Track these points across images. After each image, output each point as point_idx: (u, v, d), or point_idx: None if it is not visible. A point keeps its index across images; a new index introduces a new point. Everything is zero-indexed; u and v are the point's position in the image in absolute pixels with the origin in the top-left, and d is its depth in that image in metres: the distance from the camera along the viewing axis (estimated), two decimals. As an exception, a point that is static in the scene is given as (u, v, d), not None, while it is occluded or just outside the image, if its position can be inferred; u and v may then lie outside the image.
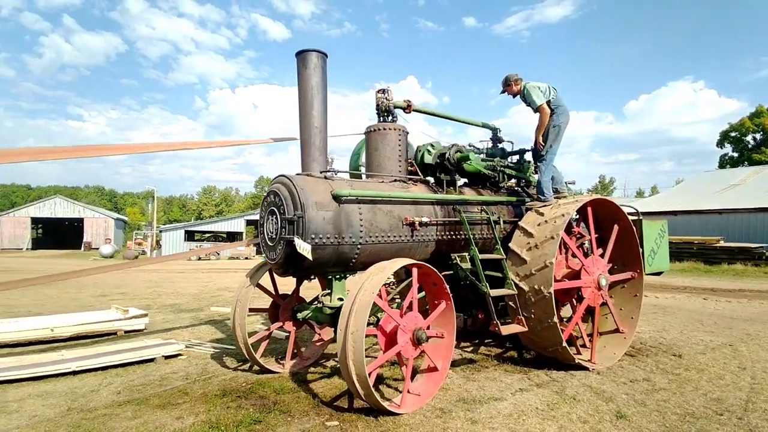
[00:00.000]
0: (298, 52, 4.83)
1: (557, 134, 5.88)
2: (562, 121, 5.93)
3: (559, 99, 5.97)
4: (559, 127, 5.90)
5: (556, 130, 5.87)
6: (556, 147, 5.96)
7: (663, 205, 27.46)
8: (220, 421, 3.94)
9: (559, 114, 5.91)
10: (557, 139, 5.89)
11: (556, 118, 5.90)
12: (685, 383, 4.93)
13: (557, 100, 5.94)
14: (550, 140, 5.88)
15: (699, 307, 9.96)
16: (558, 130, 5.91)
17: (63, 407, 4.38)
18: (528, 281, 5.15)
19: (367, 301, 3.88)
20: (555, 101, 5.92)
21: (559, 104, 5.93)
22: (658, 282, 14.98)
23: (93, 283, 16.59)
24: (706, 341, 6.78)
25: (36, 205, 49.61)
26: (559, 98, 5.98)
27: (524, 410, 4.14)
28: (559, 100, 5.96)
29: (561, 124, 5.92)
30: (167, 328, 8.25)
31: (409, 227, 4.90)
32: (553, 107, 5.90)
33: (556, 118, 5.90)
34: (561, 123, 5.92)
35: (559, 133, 5.92)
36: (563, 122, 5.95)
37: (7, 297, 12.24)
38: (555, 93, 5.95)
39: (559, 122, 5.90)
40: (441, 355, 4.74)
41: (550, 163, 5.96)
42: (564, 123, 5.97)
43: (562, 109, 5.95)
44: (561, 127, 5.93)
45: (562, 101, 5.98)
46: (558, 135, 5.91)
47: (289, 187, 4.38)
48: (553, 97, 5.91)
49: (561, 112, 5.93)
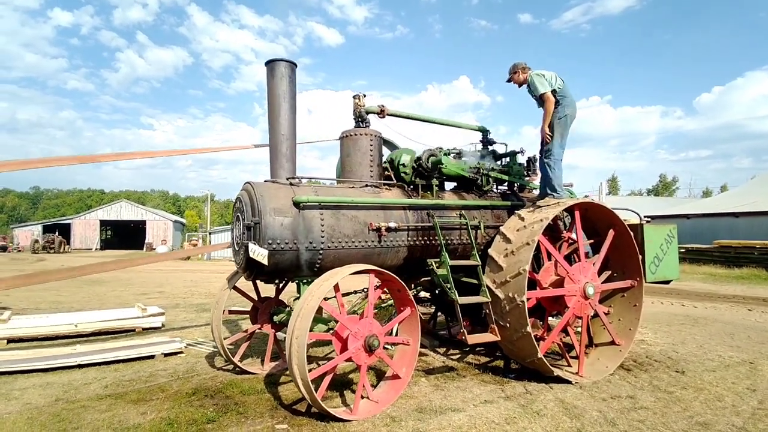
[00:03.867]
0: (267, 61, 4.97)
1: (564, 126, 5.62)
2: (568, 112, 5.65)
3: (566, 89, 5.70)
4: (566, 119, 5.64)
5: (562, 122, 5.60)
6: (563, 141, 5.70)
7: (721, 206, 25.31)
8: (178, 418, 4.12)
9: (565, 105, 5.64)
10: (564, 132, 5.63)
11: (562, 109, 5.63)
12: (673, 403, 4.54)
13: (563, 91, 5.67)
14: (558, 133, 5.62)
15: (738, 319, 9.10)
16: (565, 123, 5.65)
17: (53, 398, 4.76)
18: (503, 289, 4.96)
19: (312, 306, 3.91)
20: (561, 91, 5.66)
21: (565, 95, 5.67)
22: (704, 290, 13.86)
23: (142, 282, 17.83)
24: (724, 357, 6.19)
25: (104, 209, 53.96)
26: (566, 89, 5.71)
27: (477, 423, 3.99)
28: (566, 91, 5.69)
29: (567, 116, 5.65)
30: (182, 327, 8.70)
31: (375, 232, 4.88)
32: (559, 97, 5.64)
33: (561, 109, 5.63)
34: (567, 114, 5.65)
35: (566, 126, 5.66)
36: (570, 114, 5.67)
37: (60, 294, 13.44)
38: (562, 83, 5.70)
39: (565, 113, 5.63)
40: (405, 362, 4.68)
41: (559, 158, 5.69)
42: (570, 115, 5.68)
43: (568, 100, 5.68)
44: (568, 119, 5.66)
45: (568, 92, 5.71)
46: (565, 128, 5.65)
47: (250, 194, 4.51)
48: (560, 86, 5.66)
49: (567, 103, 5.66)
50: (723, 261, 20.22)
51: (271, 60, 4.93)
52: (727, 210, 24.07)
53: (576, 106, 5.77)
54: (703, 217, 25.61)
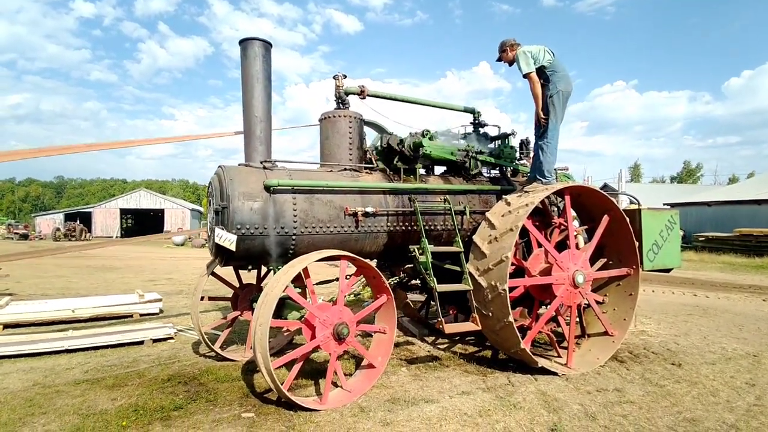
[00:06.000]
0: (240, 40, 4.80)
1: (555, 105, 5.23)
2: (560, 88, 5.23)
3: (556, 64, 5.30)
4: (558, 96, 5.23)
5: (555, 99, 5.22)
6: (558, 121, 5.31)
7: (743, 193, 24.32)
8: (146, 405, 4.08)
9: (556, 81, 5.25)
10: (559, 111, 5.25)
11: (553, 86, 5.24)
12: (663, 398, 4.30)
13: (553, 65, 5.28)
14: (552, 113, 5.25)
15: (750, 310, 8.68)
16: (558, 100, 5.24)
17: (32, 382, 4.77)
18: (486, 276, 4.75)
19: (276, 294, 3.79)
20: (551, 66, 5.27)
21: (555, 70, 5.28)
22: (720, 280, 13.34)
23: (153, 269, 18.07)
24: (727, 350, 5.88)
25: (124, 198, 55.00)
26: (557, 63, 5.31)
27: (449, 416, 3.84)
28: (556, 65, 5.29)
29: (560, 92, 5.24)
30: (179, 314, 8.72)
31: (352, 217, 4.71)
32: (549, 73, 5.27)
33: (552, 86, 5.24)
34: (559, 91, 5.23)
35: (558, 104, 5.25)
36: (562, 90, 5.24)
37: (70, 281, 13.69)
38: (551, 57, 5.30)
39: (557, 90, 5.23)
40: (380, 351, 4.54)
41: (553, 140, 5.31)
42: (564, 91, 5.26)
43: (559, 75, 5.27)
44: (561, 96, 5.24)
45: (559, 66, 5.31)
46: (557, 106, 5.24)
47: (220, 178, 4.39)
48: (549, 61, 5.27)
49: (558, 79, 5.25)
50: (744, 250, 19.48)
51: (244, 39, 4.76)
52: (749, 197, 23.13)
53: (570, 80, 5.37)
54: (725, 205, 24.68)
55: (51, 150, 6.12)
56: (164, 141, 8.76)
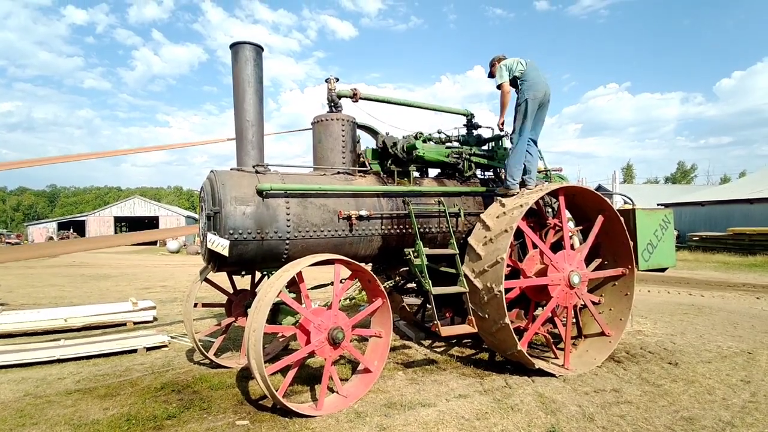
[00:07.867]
0: (231, 44, 4.78)
1: (521, 113, 5.23)
2: (528, 96, 5.20)
3: (528, 73, 5.29)
4: (525, 104, 5.21)
5: (522, 108, 5.22)
6: (525, 127, 5.27)
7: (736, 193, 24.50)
8: (138, 414, 4.01)
9: (524, 89, 5.24)
10: (524, 118, 5.22)
11: (521, 94, 5.26)
12: (660, 397, 4.29)
13: (525, 74, 5.28)
14: (518, 120, 5.27)
15: (744, 308, 8.71)
16: (525, 107, 5.21)
17: (23, 393, 4.69)
18: (482, 278, 4.73)
19: (269, 299, 3.74)
20: (522, 75, 5.28)
21: (525, 78, 5.27)
22: (714, 279, 13.40)
23: (148, 276, 17.91)
24: (723, 348, 5.89)
25: (118, 205, 54.69)
26: (529, 72, 5.30)
27: (446, 419, 3.80)
28: (528, 75, 5.28)
29: (528, 100, 5.21)
30: (173, 321, 8.63)
31: (346, 221, 4.68)
32: (520, 82, 5.29)
33: (521, 94, 5.26)
34: (526, 99, 5.21)
35: (524, 112, 5.22)
36: (531, 98, 5.21)
37: (63, 290, 13.54)
38: (523, 67, 5.31)
39: (523, 98, 5.23)
40: (377, 356, 4.51)
41: (518, 145, 5.29)
42: (533, 98, 5.21)
43: (529, 83, 5.24)
44: (529, 103, 5.21)
45: (531, 74, 5.28)
46: (524, 114, 5.22)
47: (212, 182, 4.35)
48: (520, 71, 5.29)
49: (527, 87, 5.23)
50: (737, 249, 19.61)
51: (235, 43, 4.74)
52: (742, 197, 23.31)
53: (545, 85, 5.31)
54: (718, 204, 24.85)
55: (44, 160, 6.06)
56: (155, 149, 8.71)
